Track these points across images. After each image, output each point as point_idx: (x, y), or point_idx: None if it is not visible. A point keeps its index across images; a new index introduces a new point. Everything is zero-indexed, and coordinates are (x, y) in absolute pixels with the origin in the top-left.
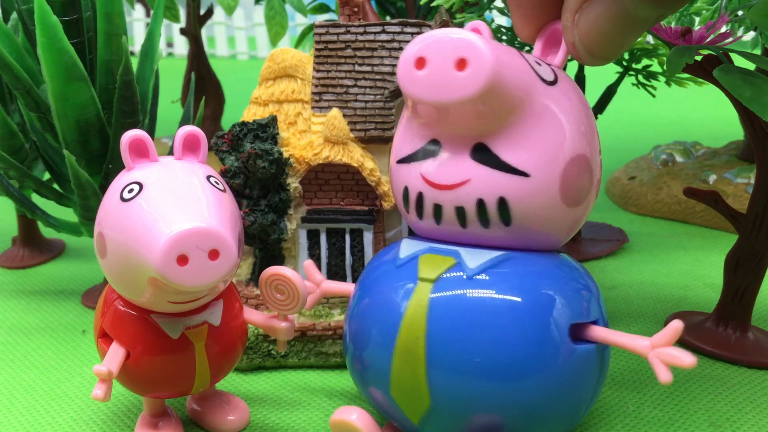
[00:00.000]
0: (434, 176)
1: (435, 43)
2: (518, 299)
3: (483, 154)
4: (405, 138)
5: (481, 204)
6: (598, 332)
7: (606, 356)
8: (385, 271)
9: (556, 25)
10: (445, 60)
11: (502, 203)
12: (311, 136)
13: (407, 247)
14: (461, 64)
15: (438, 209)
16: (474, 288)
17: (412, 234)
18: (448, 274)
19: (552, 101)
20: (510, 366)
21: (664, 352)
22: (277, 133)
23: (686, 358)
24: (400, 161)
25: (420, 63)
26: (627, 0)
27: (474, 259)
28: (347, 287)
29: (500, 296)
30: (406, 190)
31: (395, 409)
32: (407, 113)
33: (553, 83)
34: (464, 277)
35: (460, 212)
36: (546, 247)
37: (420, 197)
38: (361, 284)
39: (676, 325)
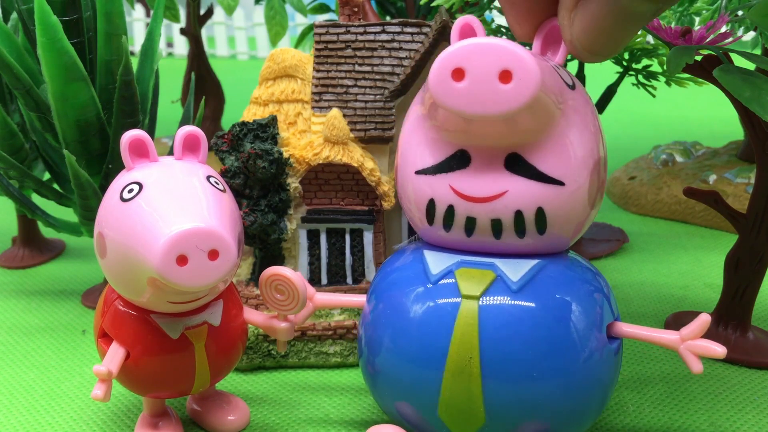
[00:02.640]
0: (467, 189)
1: (475, 53)
2: (564, 306)
3: (518, 164)
4: (424, 148)
5: (519, 215)
6: (626, 328)
7: (622, 347)
8: (414, 285)
9: (554, 23)
10: (487, 71)
11: (540, 213)
12: (311, 136)
13: (436, 261)
14: (506, 76)
15: (471, 222)
16: (522, 301)
17: (416, 238)
18: (493, 289)
19: (575, 106)
20: (561, 372)
21: (695, 344)
22: (277, 133)
23: (718, 348)
24: (420, 172)
25: (458, 74)
26: None
27: (513, 271)
28: (342, 299)
29: (548, 306)
30: (431, 202)
31: (437, 427)
32: (419, 118)
33: (573, 87)
34: (510, 291)
35: (496, 224)
36: (562, 247)
37: (450, 210)
38: (381, 296)
39: (705, 318)
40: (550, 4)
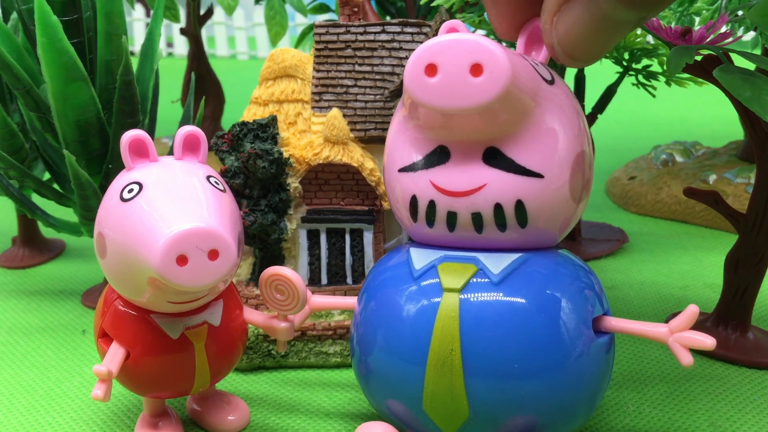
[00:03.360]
0: (447, 183)
1: (446, 48)
2: (546, 300)
3: (496, 158)
4: (406, 145)
5: (498, 208)
6: (615, 323)
7: (614, 343)
8: (399, 282)
9: (537, 23)
10: (458, 66)
11: (519, 206)
12: (311, 136)
13: (420, 257)
14: (476, 69)
15: (452, 216)
16: (503, 293)
17: (411, 241)
18: (475, 282)
19: (554, 100)
20: (545, 366)
21: (684, 336)
22: (277, 133)
23: (707, 340)
24: (403, 170)
25: (431, 69)
26: (604, 2)
27: (495, 264)
28: (337, 301)
29: (530, 298)
30: (414, 199)
31: (425, 423)
32: (403, 119)
33: (551, 82)
34: (491, 283)
35: (477, 218)
36: (549, 243)
37: (431, 205)
38: (370, 295)
39: (693, 309)
40: (532, 3)
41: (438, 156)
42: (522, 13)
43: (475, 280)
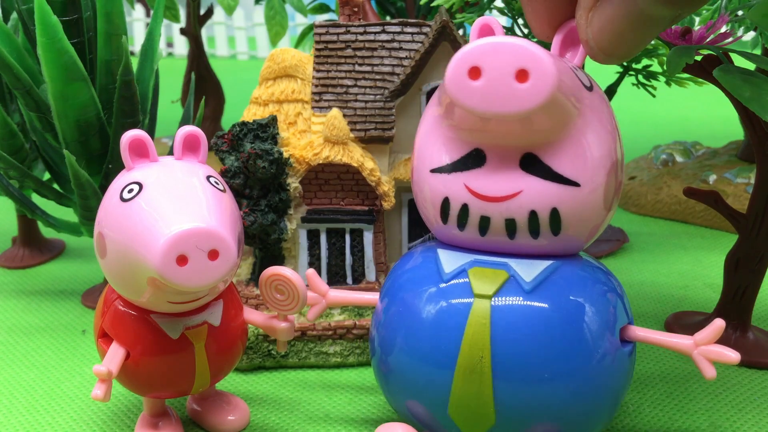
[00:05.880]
0: (482, 188)
1: (492, 51)
2: (577, 309)
3: (534, 164)
4: (439, 146)
5: (533, 215)
6: (640, 332)
7: (635, 351)
8: (427, 283)
9: (574, 23)
10: (503, 70)
11: (554, 214)
12: (311, 136)
13: (449, 260)
14: (522, 75)
15: (485, 221)
16: (535, 302)
17: (430, 237)
18: (506, 289)
19: (593, 108)
20: (573, 374)
21: (709, 350)
22: (277, 133)
23: (732, 354)
24: (435, 170)
25: (474, 72)
26: None
27: (527, 271)
28: (355, 296)
29: (561, 307)
30: (446, 201)
31: (447, 427)
32: (437, 117)
33: (590, 88)
34: (523, 291)
35: (510, 224)
36: (577, 249)
37: (464, 209)
38: (394, 295)
39: (719, 324)
40: (569, 3)
41: (473, 159)
42: (559, 13)
43: (506, 287)
